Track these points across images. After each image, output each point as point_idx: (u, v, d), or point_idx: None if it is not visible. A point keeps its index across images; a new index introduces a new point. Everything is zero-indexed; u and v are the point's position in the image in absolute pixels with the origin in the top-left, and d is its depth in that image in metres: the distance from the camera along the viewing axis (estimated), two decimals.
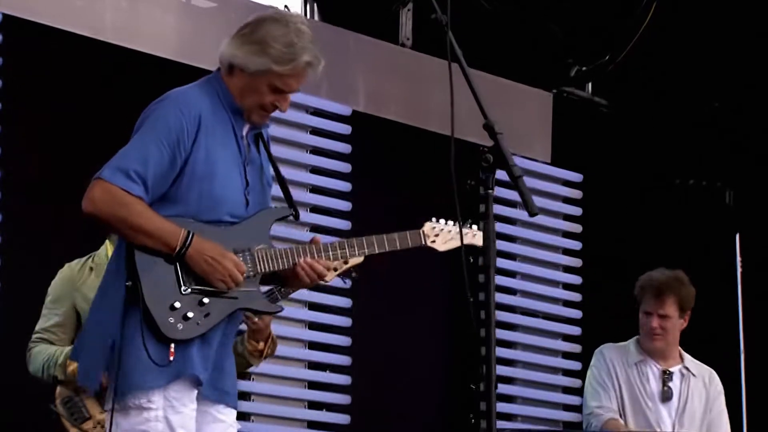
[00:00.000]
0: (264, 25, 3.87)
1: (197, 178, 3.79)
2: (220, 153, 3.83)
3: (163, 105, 3.84)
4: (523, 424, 7.26)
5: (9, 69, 5.68)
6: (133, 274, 3.74)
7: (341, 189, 6.71)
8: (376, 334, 6.84)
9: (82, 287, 4.93)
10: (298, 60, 3.83)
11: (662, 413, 5.57)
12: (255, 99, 3.85)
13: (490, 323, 3.48)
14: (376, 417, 6.73)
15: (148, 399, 3.74)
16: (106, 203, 3.72)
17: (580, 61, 7.60)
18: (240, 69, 3.85)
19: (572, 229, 7.65)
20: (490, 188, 3.55)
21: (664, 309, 5.58)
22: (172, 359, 3.71)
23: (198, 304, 3.77)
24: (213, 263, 3.77)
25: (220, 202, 3.82)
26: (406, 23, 7.00)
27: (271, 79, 3.83)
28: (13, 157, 5.68)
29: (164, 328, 3.72)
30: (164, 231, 3.75)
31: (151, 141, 3.76)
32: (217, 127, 3.84)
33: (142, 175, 3.74)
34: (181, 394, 3.77)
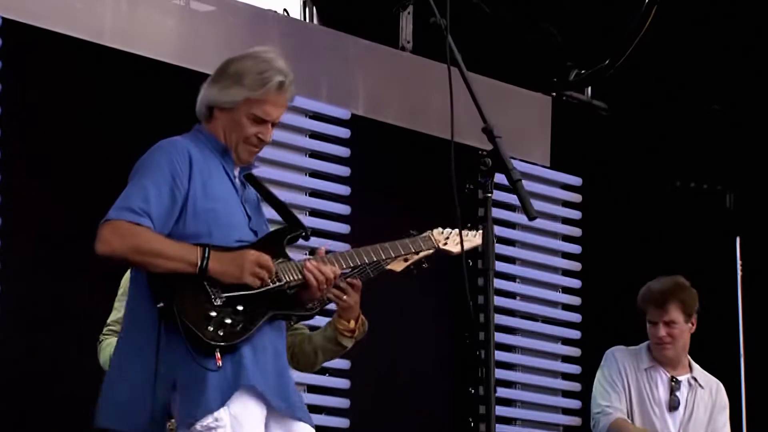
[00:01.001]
0: (233, 62, 3.97)
1: (200, 212, 3.83)
2: (217, 188, 3.88)
3: (152, 153, 3.90)
4: (523, 427, 7.27)
5: (9, 72, 5.68)
6: (161, 295, 3.75)
7: (340, 193, 6.71)
8: (375, 337, 6.83)
9: None
10: (271, 81, 3.90)
11: (668, 421, 5.59)
12: (238, 134, 3.91)
13: (490, 326, 3.49)
14: (375, 420, 6.73)
15: (215, 419, 3.73)
16: (119, 238, 3.75)
17: (579, 64, 7.61)
18: (218, 108, 3.92)
19: (571, 232, 7.65)
20: (489, 192, 3.56)
21: (668, 316, 5.58)
22: (221, 364, 3.71)
23: (233, 312, 3.78)
24: (238, 263, 3.79)
25: (229, 230, 3.85)
26: (406, 27, 7.02)
27: (249, 108, 3.90)
28: (12, 161, 5.67)
29: (206, 336, 3.72)
30: (181, 251, 3.77)
31: (148, 182, 3.80)
32: (210, 167, 3.89)
33: (146, 210, 3.77)
34: (243, 410, 3.76)
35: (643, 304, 5.64)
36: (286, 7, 6.84)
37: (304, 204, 6.63)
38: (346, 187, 6.73)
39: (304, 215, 6.65)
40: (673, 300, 5.58)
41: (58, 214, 5.79)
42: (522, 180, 3.54)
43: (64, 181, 5.83)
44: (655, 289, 5.61)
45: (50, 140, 5.84)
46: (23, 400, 5.56)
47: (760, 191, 8.17)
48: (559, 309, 7.56)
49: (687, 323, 5.65)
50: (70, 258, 5.60)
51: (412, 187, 6.95)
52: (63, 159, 5.85)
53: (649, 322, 5.62)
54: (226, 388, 3.74)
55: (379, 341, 6.80)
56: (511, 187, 3.52)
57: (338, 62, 6.81)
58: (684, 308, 5.61)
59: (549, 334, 7.49)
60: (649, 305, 5.62)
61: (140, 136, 5.92)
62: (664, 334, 5.58)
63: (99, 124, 5.95)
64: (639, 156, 7.96)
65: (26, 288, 5.63)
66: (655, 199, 7.97)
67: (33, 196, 5.77)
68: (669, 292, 5.58)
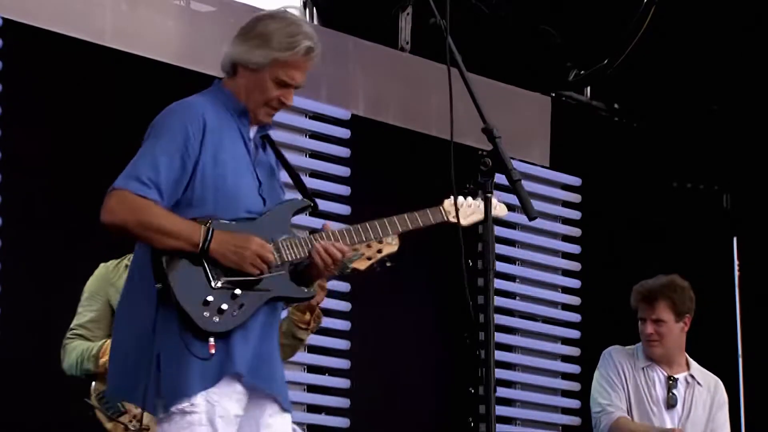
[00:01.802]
0: (262, 21, 3.91)
1: (209, 179, 3.80)
2: (228, 153, 3.84)
3: (167, 114, 3.86)
4: (522, 427, 7.28)
5: (9, 73, 5.69)
6: (161, 276, 3.73)
7: (340, 193, 6.73)
8: (374, 337, 6.86)
9: (117, 283, 4.93)
10: (300, 45, 3.85)
11: (666, 419, 5.58)
12: (261, 96, 3.87)
13: (489, 326, 3.49)
14: (375, 420, 6.74)
15: (191, 403, 3.73)
16: (124, 210, 3.73)
17: (578, 65, 7.62)
18: (243, 66, 3.87)
19: (571, 232, 7.67)
20: (489, 192, 3.56)
21: (656, 314, 5.57)
22: (214, 352, 3.70)
23: (231, 297, 3.75)
24: (239, 250, 3.76)
25: (236, 200, 3.82)
26: (405, 27, 7.01)
27: (275, 71, 3.85)
28: (13, 160, 5.68)
29: (201, 322, 3.71)
30: (185, 229, 3.74)
31: (158, 149, 3.77)
32: (223, 130, 3.85)
33: (154, 180, 3.74)
34: (221, 396, 3.75)
35: (634, 300, 5.65)
36: (287, 8, 6.85)
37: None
38: (346, 187, 6.74)
39: (305, 214, 6.65)
40: (662, 298, 5.57)
41: (58, 213, 5.80)
42: (522, 180, 3.53)
43: (65, 180, 5.83)
44: (646, 287, 5.61)
45: (50, 140, 5.85)
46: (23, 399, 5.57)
47: (757, 192, 8.18)
48: (558, 309, 7.57)
49: (678, 323, 5.63)
50: (70, 257, 5.61)
51: (412, 187, 6.93)
52: (63, 159, 5.85)
53: (639, 319, 5.63)
54: (211, 375, 3.73)
55: (379, 341, 6.83)
56: (510, 187, 3.52)
57: (338, 63, 6.81)
58: (674, 307, 5.59)
59: (549, 334, 7.51)
60: (638, 302, 5.62)
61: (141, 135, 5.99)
62: (652, 332, 5.58)
63: (100, 125, 5.95)
64: (638, 156, 7.96)
65: (26, 287, 5.64)
66: (654, 200, 7.98)
67: (33, 196, 5.77)
68: (659, 291, 5.58)
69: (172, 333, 3.72)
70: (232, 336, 3.75)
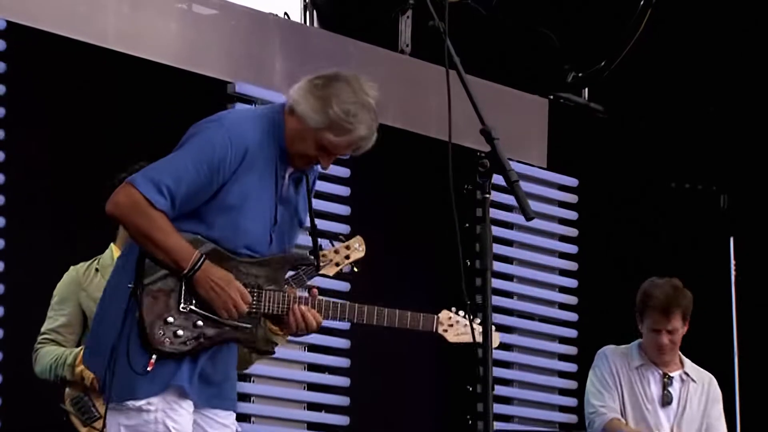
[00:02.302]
0: (335, 83, 3.87)
1: (226, 207, 3.80)
2: (255, 189, 3.83)
3: (215, 127, 3.83)
4: (520, 425, 7.30)
5: (13, 75, 5.71)
6: (138, 277, 3.77)
7: (340, 194, 6.74)
8: (374, 336, 6.88)
9: (88, 287, 4.97)
10: (353, 133, 3.86)
11: (661, 417, 5.60)
12: (302, 147, 3.86)
13: (488, 326, 3.50)
14: (374, 418, 6.76)
15: (147, 402, 3.77)
16: (129, 209, 3.74)
17: (576, 67, 7.62)
18: (299, 116, 3.85)
19: (568, 233, 7.68)
20: (487, 192, 3.57)
21: (672, 324, 5.59)
22: (150, 369, 3.74)
23: (192, 325, 3.79)
24: (218, 290, 3.78)
25: (242, 235, 3.83)
26: (405, 30, 7.03)
27: (323, 136, 3.84)
28: (17, 162, 5.70)
29: (151, 338, 3.75)
30: (178, 250, 3.76)
31: (191, 160, 3.76)
32: (260, 161, 3.83)
33: (172, 192, 3.75)
34: (178, 397, 3.81)
35: (645, 310, 5.61)
36: (287, 11, 6.88)
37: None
38: (346, 188, 6.76)
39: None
40: (676, 309, 5.58)
41: (61, 215, 5.82)
42: (519, 181, 3.55)
43: (68, 182, 5.86)
44: (658, 298, 5.59)
45: (54, 142, 5.87)
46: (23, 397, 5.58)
47: (754, 192, 8.18)
48: (555, 308, 7.59)
49: (684, 326, 5.67)
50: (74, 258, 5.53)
51: (411, 187, 6.96)
52: (66, 159, 5.87)
53: (651, 330, 5.61)
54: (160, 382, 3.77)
55: (378, 340, 6.85)
56: (508, 187, 3.54)
57: (337, 65, 6.75)
58: (684, 315, 5.62)
59: (546, 333, 7.53)
60: (653, 313, 5.60)
61: (144, 137, 6.03)
62: (667, 342, 5.59)
63: (103, 126, 5.97)
64: (635, 157, 7.96)
65: (30, 288, 5.63)
66: (651, 200, 7.99)
67: (37, 198, 5.80)
68: (673, 302, 5.57)
69: (128, 335, 3.76)
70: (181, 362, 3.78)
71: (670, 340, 5.59)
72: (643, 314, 5.63)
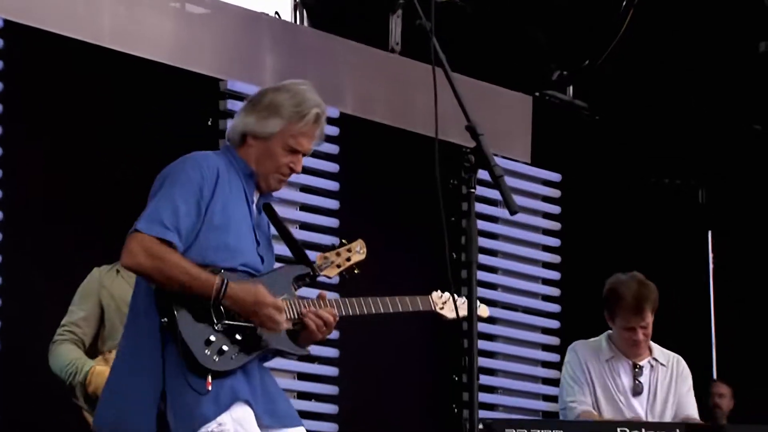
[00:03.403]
0: (269, 93, 3.99)
1: (213, 228, 3.87)
2: (234, 208, 3.92)
3: (182, 163, 3.92)
4: (504, 413, 7.35)
5: (10, 73, 5.75)
6: (166, 311, 3.81)
7: (330, 188, 6.80)
8: (362, 327, 6.95)
9: (109, 286, 5.06)
10: (309, 114, 3.94)
11: (635, 406, 5.62)
12: (272, 163, 3.94)
13: (472, 317, 3.50)
14: (362, 407, 6.82)
15: (218, 423, 3.77)
16: (146, 256, 3.78)
17: (561, 65, 7.67)
18: (253, 136, 3.94)
19: (551, 226, 7.75)
20: (473, 187, 3.58)
21: (645, 321, 5.58)
22: (210, 389, 3.76)
23: (231, 341, 3.84)
24: (251, 313, 3.83)
25: (237, 252, 3.90)
26: (395, 29, 7.08)
27: (284, 139, 3.92)
28: (13, 159, 5.75)
29: (201, 359, 3.78)
30: (199, 281, 3.80)
31: (177, 195, 3.83)
32: (232, 188, 3.93)
33: (176, 225, 3.81)
34: (245, 414, 3.83)
35: (616, 310, 5.59)
36: (278, 10, 6.93)
37: (295, 199, 6.70)
38: (335, 183, 6.82)
39: (295, 210, 6.75)
40: (648, 305, 5.56)
41: (58, 211, 5.87)
42: (504, 176, 3.56)
43: (65, 178, 5.90)
44: (628, 298, 5.56)
45: (51, 139, 5.91)
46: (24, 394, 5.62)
47: (732, 187, 8.25)
48: (539, 300, 7.66)
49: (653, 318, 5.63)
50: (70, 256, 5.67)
51: (399, 182, 6.99)
52: (63, 157, 5.92)
53: (625, 329, 5.59)
54: (225, 401, 3.80)
55: (366, 331, 6.94)
56: (493, 182, 3.55)
57: (327, 63, 6.82)
58: (654, 307, 5.61)
59: (529, 324, 7.60)
60: (625, 313, 5.58)
61: (138, 133, 6.12)
62: (642, 338, 5.59)
63: (99, 123, 6.02)
64: (616, 153, 8.00)
65: (27, 282, 5.71)
66: (631, 195, 8.04)
67: (33, 194, 5.84)
68: (644, 299, 5.55)
69: (176, 369, 3.78)
70: (233, 376, 3.83)
71: (644, 334, 5.59)
72: (613, 313, 5.61)
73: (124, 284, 4.99)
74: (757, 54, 7.72)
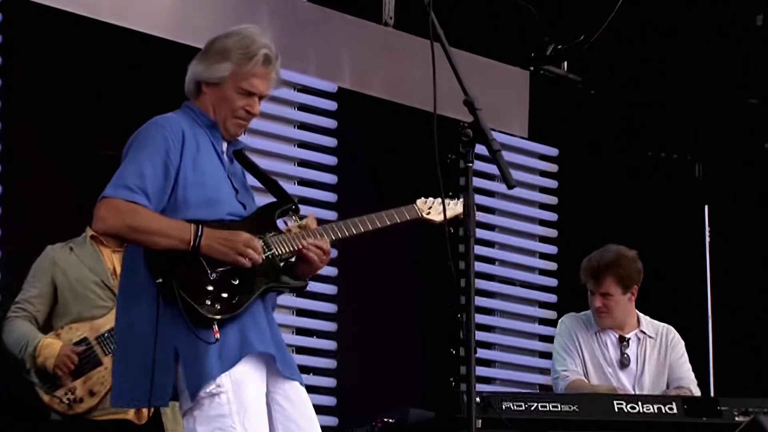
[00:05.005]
0: (219, 40, 4.03)
1: (189, 186, 3.90)
2: (206, 163, 3.94)
3: (147, 128, 3.96)
4: (501, 386, 7.39)
5: (8, 47, 5.78)
6: (160, 271, 3.82)
7: (327, 163, 6.83)
8: (360, 301, 6.98)
9: (61, 263, 5.13)
10: (258, 54, 3.96)
11: (622, 379, 5.64)
12: (227, 107, 3.97)
13: (470, 291, 3.54)
14: (360, 380, 6.85)
15: (216, 384, 3.79)
16: (115, 217, 3.82)
17: (555, 39, 7.67)
18: (206, 83, 3.99)
19: (548, 201, 7.79)
20: (470, 162, 3.62)
21: (604, 287, 5.58)
22: (218, 337, 3.78)
23: (229, 286, 3.85)
24: (227, 243, 3.84)
25: (218, 203, 3.92)
26: (388, 3, 7.08)
27: (237, 82, 3.96)
28: (12, 131, 5.77)
29: (203, 310, 3.79)
30: (175, 228, 3.83)
31: (143, 158, 3.86)
32: (199, 143, 3.96)
33: (141, 186, 3.83)
34: (244, 375, 3.83)
35: (582, 273, 5.65)
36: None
37: (292, 174, 6.74)
38: (333, 158, 6.85)
39: (293, 184, 6.77)
40: (608, 273, 5.56)
41: (56, 185, 5.90)
42: (501, 150, 3.59)
43: (64, 153, 5.93)
44: (593, 261, 5.60)
45: (49, 111, 5.94)
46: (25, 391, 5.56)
47: (728, 161, 8.25)
48: (536, 274, 7.70)
49: (625, 294, 5.62)
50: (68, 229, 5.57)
51: (396, 157, 7.01)
52: (62, 130, 5.94)
53: (589, 291, 5.64)
54: (230, 357, 3.81)
55: (364, 305, 6.99)
56: (490, 157, 3.58)
57: (325, 37, 6.84)
58: (620, 281, 5.58)
59: (526, 298, 7.64)
60: (586, 276, 5.63)
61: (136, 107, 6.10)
62: (600, 305, 5.60)
63: (96, 96, 6.04)
64: (612, 127, 8.01)
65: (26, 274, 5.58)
66: (628, 169, 8.05)
67: (34, 166, 5.87)
68: (605, 266, 5.56)
69: (178, 326, 3.79)
70: (241, 320, 3.85)
71: (604, 304, 5.59)
72: (583, 279, 5.67)
73: (76, 261, 5.07)
74: (754, 27, 7.71)
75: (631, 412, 5.17)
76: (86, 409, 5.01)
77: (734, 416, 5.20)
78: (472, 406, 3.51)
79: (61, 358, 4.99)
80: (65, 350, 5.01)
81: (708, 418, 5.19)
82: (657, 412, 5.18)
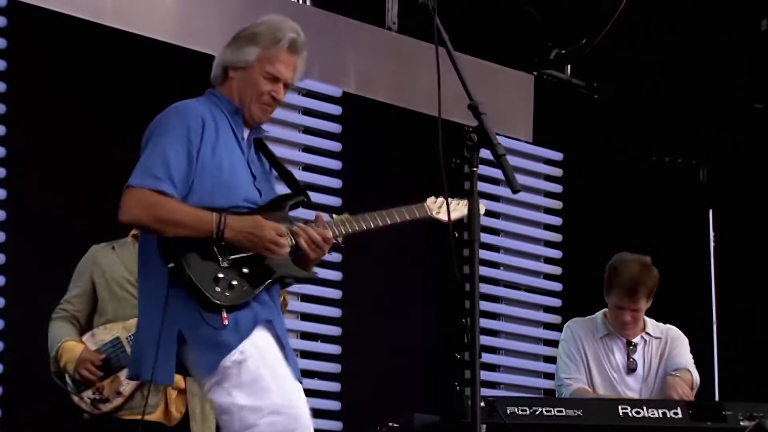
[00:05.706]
0: (247, 28, 4.08)
1: (207, 170, 3.91)
2: (225, 149, 3.96)
3: (168, 114, 3.98)
4: (506, 391, 7.41)
5: (13, 51, 5.80)
6: (172, 256, 3.84)
7: (332, 167, 6.85)
8: (365, 305, 6.98)
9: (101, 262, 5.16)
10: (284, 38, 4.01)
11: (629, 383, 5.66)
12: (253, 91, 4.01)
13: (475, 295, 3.57)
14: (364, 385, 6.87)
15: (240, 351, 3.82)
16: (141, 208, 3.84)
17: (559, 44, 7.68)
18: (233, 68, 4.02)
19: (553, 205, 7.79)
20: (475, 166, 3.63)
21: (637, 305, 5.59)
22: (226, 323, 3.81)
23: (239, 274, 3.88)
24: (253, 238, 3.88)
25: (234, 188, 3.95)
26: (392, 7, 7.10)
27: (263, 66, 4.00)
28: (18, 136, 5.79)
29: (213, 297, 3.82)
30: (198, 220, 3.84)
31: (165, 146, 3.88)
32: (219, 129, 3.98)
33: (168, 175, 3.85)
34: (263, 340, 3.86)
35: (611, 287, 5.60)
36: None
37: (297, 178, 6.79)
38: (338, 162, 6.87)
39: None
40: (642, 289, 5.56)
41: (62, 188, 5.91)
42: (506, 155, 3.60)
43: (68, 156, 5.95)
44: (624, 277, 5.56)
45: (55, 116, 5.95)
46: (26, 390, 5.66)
47: (732, 165, 8.28)
48: (540, 278, 7.70)
49: (648, 303, 5.63)
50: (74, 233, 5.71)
51: (401, 161, 7.03)
52: (66, 133, 5.95)
53: (616, 306, 5.61)
54: (246, 327, 3.84)
55: (369, 309, 6.99)
56: (495, 161, 3.60)
57: (330, 42, 6.86)
58: (650, 294, 5.60)
59: (531, 303, 7.64)
60: (618, 291, 5.59)
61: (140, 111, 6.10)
62: (630, 320, 5.61)
63: (101, 101, 6.06)
64: (617, 131, 8.02)
65: (32, 277, 5.74)
66: (633, 173, 8.07)
67: (37, 171, 5.88)
68: (640, 282, 5.55)
69: (188, 309, 3.83)
70: (251, 306, 3.88)
71: (633, 317, 5.61)
72: (609, 290, 5.63)
73: (115, 260, 5.10)
74: (759, 32, 7.72)
75: (635, 416, 5.18)
76: (111, 409, 5.03)
77: (739, 421, 5.21)
78: (476, 411, 3.53)
79: (81, 363, 5.01)
80: (86, 355, 5.03)
81: (713, 423, 5.19)
82: (662, 417, 5.19)
